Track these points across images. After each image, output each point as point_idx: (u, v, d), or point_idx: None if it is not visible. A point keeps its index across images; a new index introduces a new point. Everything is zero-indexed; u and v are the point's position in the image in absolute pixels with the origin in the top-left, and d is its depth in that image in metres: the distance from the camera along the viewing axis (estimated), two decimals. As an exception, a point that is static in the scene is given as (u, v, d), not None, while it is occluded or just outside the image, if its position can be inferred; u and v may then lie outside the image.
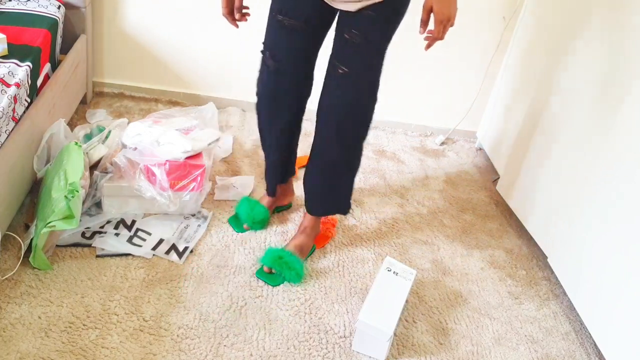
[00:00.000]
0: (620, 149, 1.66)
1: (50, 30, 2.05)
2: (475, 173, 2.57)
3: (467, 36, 2.56)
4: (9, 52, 1.84)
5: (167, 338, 1.53)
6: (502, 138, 2.47)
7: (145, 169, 1.85)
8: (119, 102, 2.60)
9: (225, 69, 2.62)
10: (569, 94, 1.95)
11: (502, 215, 2.30)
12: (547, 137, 2.04)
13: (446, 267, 1.97)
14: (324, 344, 1.61)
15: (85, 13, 2.33)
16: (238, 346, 1.55)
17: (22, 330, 1.48)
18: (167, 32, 2.53)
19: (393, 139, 2.71)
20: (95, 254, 1.74)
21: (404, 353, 1.63)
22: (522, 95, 2.33)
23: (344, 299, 1.77)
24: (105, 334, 1.51)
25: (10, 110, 1.67)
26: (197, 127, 2.09)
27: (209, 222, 1.95)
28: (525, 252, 2.12)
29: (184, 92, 2.67)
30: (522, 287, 1.95)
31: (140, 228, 1.86)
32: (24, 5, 2.14)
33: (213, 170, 2.22)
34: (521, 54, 2.39)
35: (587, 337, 1.80)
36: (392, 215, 2.18)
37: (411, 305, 1.79)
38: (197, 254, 1.83)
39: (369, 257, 1.95)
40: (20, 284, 1.60)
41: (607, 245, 1.67)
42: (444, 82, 2.68)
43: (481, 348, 1.69)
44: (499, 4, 2.50)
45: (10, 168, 1.67)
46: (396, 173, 2.45)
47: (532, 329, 1.79)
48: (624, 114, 1.66)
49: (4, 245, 1.68)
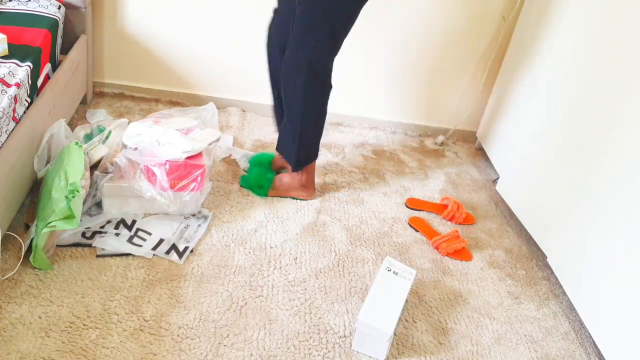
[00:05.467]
0: (621, 149, 1.67)
1: (50, 30, 2.05)
2: (475, 173, 2.57)
3: (467, 36, 2.57)
4: (10, 52, 1.85)
5: (167, 338, 1.54)
6: (502, 138, 2.47)
7: (145, 169, 1.85)
8: (119, 102, 2.60)
9: (225, 69, 2.63)
10: (569, 93, 1.95)
11: (501, 215, 2.31)
12: (547, 137, 2.05)
13: (446, 267, 1.98)
14: (324, 344, 1.61)
15: (86, 13, 2.33)
16: (238, 346, 1.56)
17: (23, 330, 1.48)
18: (167, 32, 2.54)
19: (393, 139, 2.71)
20: (95, 254, 1.75)
21: (404, 353, 1.63)
22: (522, 95, 2.33)
23: (344, 299, 1.77)
24: (105, 334, 1.51)
25: (10, 111, 1.67)
26: (197, 127, 2.09)
27: (209, 222, 1.95)
28: (525, 252, 2.12)
29: (184, 92, 2.68)
30: (521, 287, 1.96)
31: (141, 228, 1.86)
32: (25, 5, 2.15)
33: (213, 170, 2.22)
34: (521, 54, 2.39)
35: (586, 337, 1.80)
36: (392, 215, 2.18)
37: (411, 305, 1.79)
38: (197, 253, 1.83)
39: (369, 257, 1.95)
40: (20, 283, 1.61)
41: (607, 245, 1.68)
42: (444, 82, 2.69)
43: (481, 348, 1.69)
44: (499, 4, 2.50)
45: (10, 168, 1.67)
46: (396, 173, 2.45)
47: (532, 329, 1.80)
48: (625, 114, 1.67)
49: (4, 245, 1.69)
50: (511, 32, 2.53)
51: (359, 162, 2.49)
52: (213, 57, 2.60)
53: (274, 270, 1.82)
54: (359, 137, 2.67)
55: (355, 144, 2.60)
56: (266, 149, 2.42)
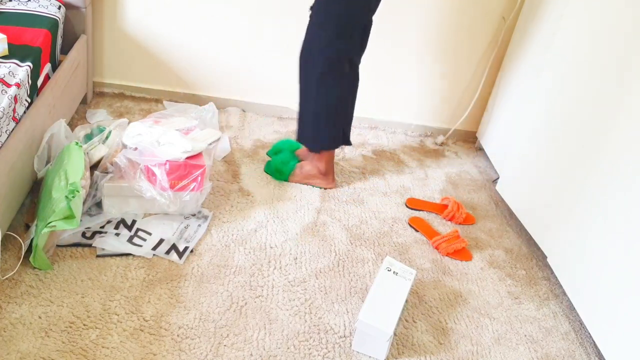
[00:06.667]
0: (621, 149, 1.67)
1: (50, 30, 2.05)
2: (475, 173, 2.57)
3: (467, 36, 2.57)
4: (10, 52, 1.85)
5: (167, 338, 1.54)
6: (501, 138, 2.47)
7: (145, 169, 1.85)
8: (119, 102, 2.60)
9: (225, 69, 2.63)
10: (569, 93, 1.95)
11: (501, 215, 2.31)
12: (547, 137, 2.05)
13: (446, 267, 1.98)
14: (324, 344, 1.61)
15: (86, 13, 2.33)
16: (238, 346, 1.56)
17: (23, 330, 1.48)
18: (167, 32, 2.54)
19: (393, 139, 2.71)
20: (95, 254, 1.75)
21: (404, 353, 1.63)
22: (521, 95, 2.33)
23: (344, 299, 1.77)
24: (105, 334, 1.51)
25: (10, 111, 1.67)
26: (197, 127, 2.09)
27: (209, 222, 1.95)
28: (525, 252, 2.12)
29: (184, 92, 2.68)
30: (521, 287, 1.96)
31: (141, 228, 1.86)
32: (25, 5, 2.15)
33: (213, 170, 2.22)
34: (521, 54, 2.39)
35: (586, 337, 1.80)
36: (392, 215, 2.18)
37: (411, 305, 1.79)
38: (198, 253, 1.83)
39: (369, 257, 1.95)
40: (20, 283, 1.61)
41: (607, 245, 1.68)
42: (444, 82, 2.69)
43: (481, 348, 1.69)
44: (499, 4, 2.50)
45: (10, 168, 1.67)
46: (396, 173, 2.45)
47: (532, 329, 1.80)
48: (624, 114, 1.67)
49: (4, 245, 1.69)
50: (511, 32, 2.53)
51: (359, 162, 2.49)
52: (213, 57, 2.60)
53: (274, 270, 1.82)
54: (359, 137, 2.67)
55: (355, 144, 2.60)
56: (266, 149, 2.42)
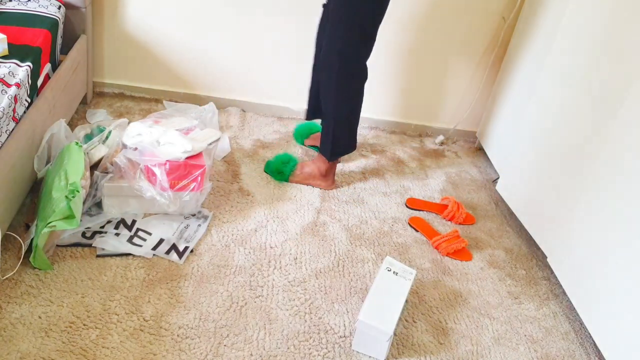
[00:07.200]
0: (621, 149, 1.67)
1: (50, 30, 2.05)
2: (475, 173, 2.57)
3: (467, 36, 2.57)
4: (10, 52, 1.85)
5: (167, 338, 1.54)
6: (501, 138, 2.47)
7: (145, 169, 1.85)
8: (120, 102, 2.60)
9: (225, 69, 2.63)
10: (569, 93, 1.95)
11: (501, 215, 2.31)
12: (547, 136, 2.05)
13: (446, 267, 1.98)
14: (324, 343, 1.61)
15: (86, 13, 2.33)
16: (238, 346, 1.56)
17: (23, 330, 1.48)
18: (167, 32, 2.54)
19: (393, 139, 2.71)
20: (95, 254, 1.75)
21: (404, 353, 1.63)
22: (521, 95, 2.33)
23: (344, 299, 1.77)
24: (105, 334, 1.51)
25: (10, 111, 1.67)
26: (197, 127, 2.09)
27: (209, 222, 1.95)
28: (525, 252, 2.12)
29: (184, 92, 2.68)
30: (521, 287, 1.96)
31: (141, 228, 1.86)
32: (25, 5, 2.15)
33: (213, 170, 2.22)
34: (521, 54, 2.39)
35: (586, 337, 1.80)
36: (392, 215, 2.18)
37: (411, 305, 1.79)
38: (197, 253, 1.83)
39: (369, 257, 1.95)
40: (20, 283, 1.61)
41: (607, 245, 1.68)
42: (443, 82, 2.69)
43: (481, 348, 1.69)
44: (499, 4, 2.50)
45: (10, 168, 1.67)
46: (396, 173, 2.45)
47: (532, 329, 1.80)
48: (624, 114, 1.67)
49: (4, 245, 1.69)
50: (511, 32, 2.53)
51: (358, 162, 2.49)
52: (213, 57, 2.60)
53: (274, 270, 1.82)
54: (358, 137, 2.66)
55: (355, 144, 2.61)
56: (266, 149, 2.42)
